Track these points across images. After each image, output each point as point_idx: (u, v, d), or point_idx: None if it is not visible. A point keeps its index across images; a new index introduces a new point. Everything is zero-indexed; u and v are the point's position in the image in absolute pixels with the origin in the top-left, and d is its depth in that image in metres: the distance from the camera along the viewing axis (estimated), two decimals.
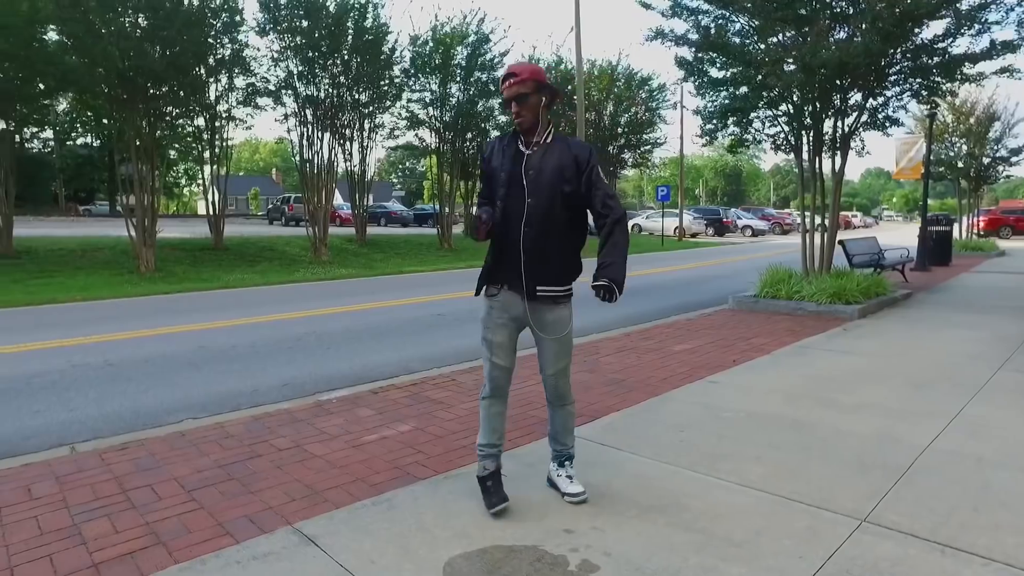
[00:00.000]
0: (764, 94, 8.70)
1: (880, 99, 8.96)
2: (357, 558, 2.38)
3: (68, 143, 33.94)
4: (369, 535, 2.56)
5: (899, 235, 28.90)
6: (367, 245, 20.95)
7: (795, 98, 8.69)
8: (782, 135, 9.21)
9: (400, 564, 2.34)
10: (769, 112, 9.03)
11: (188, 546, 2.53)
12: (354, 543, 2.49)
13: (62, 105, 22.71)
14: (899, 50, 8.29)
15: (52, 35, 14.46)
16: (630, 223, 39.86)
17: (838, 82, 8.34)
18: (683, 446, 3.51)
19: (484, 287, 2.82)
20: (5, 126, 15.44)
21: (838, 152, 9.04)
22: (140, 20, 13.90)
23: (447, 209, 22.79)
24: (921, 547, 2.43)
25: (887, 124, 9.15)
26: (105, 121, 14.42)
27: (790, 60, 8.20)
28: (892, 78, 8.72)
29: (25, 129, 34.27)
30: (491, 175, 2.80)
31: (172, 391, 5.08)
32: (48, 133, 34.44)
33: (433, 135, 22.48)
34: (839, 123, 8.92)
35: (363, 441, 3.72)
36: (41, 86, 14.75)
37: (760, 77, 8.29)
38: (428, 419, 4.13)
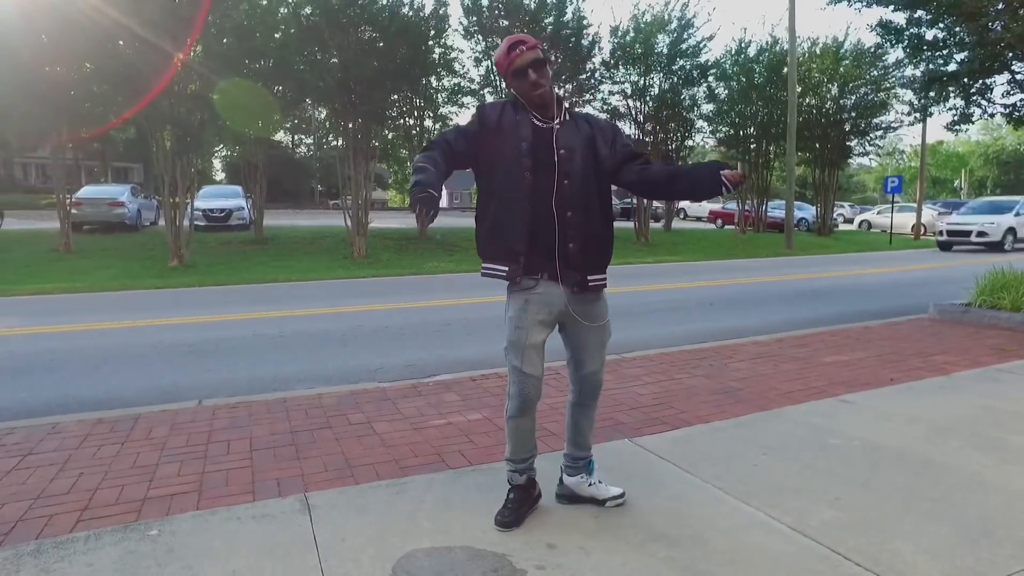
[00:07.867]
0: (1002, 52, 7.00)
1: None
2: (332, 534, 2.42)
3: (324, 146, 39.91)
4: (360, 515, 2.58)
5: None
6: None
7: None
8: None
9: (364, 547, 2.33)
10: (1007, 76, 7.24)
11: (216, 497, 2.80)
12: (341, 519, 2.54)
13: (323, 114, 26.68)
14: None
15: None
16: (859, 218, 34.76)
17: None
18: (754, 472, 2.98)
19: (517, 277, 2.38)
20: (264, 133, 18.56)
21: None
22: (363, 33, 15.72)
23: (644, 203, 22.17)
24: None
25: None
26: (351, 125, 16.68)
27: None
28: None
29: (295, 136, 40.56)
30: (492, 142, 2.39)
31: (313, 363, 5.66)
32: (309, 139, 40.68)
33: (634, 128, 22.01)
34: None
35: (427, 425, 3.78)
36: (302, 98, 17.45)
37: (998, 27, 6.67)
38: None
